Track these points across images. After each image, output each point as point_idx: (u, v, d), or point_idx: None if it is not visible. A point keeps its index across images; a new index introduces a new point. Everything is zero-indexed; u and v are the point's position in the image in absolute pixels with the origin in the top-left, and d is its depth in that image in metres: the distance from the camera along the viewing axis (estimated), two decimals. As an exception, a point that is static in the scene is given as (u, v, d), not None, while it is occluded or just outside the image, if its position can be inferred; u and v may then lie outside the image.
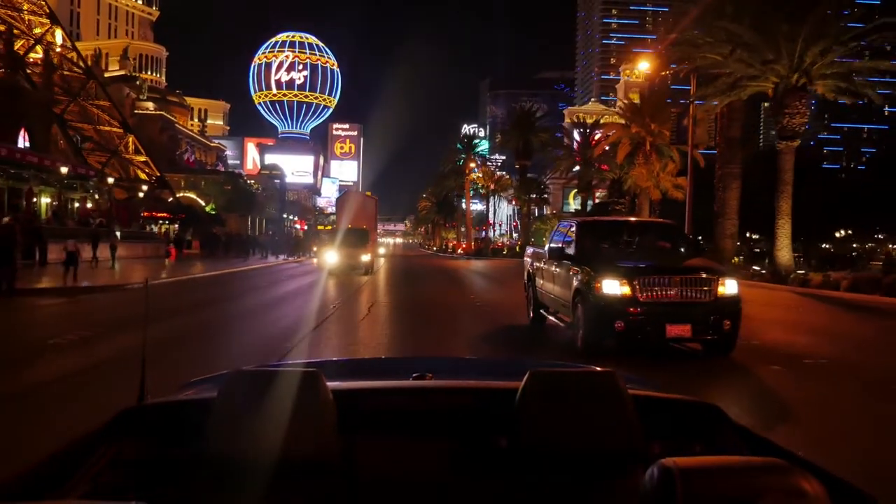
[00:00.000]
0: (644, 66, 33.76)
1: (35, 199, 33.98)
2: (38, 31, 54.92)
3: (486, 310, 14.46)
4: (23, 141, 39.60)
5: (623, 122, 34.37)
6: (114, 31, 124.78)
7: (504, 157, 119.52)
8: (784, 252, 21.63)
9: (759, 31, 20.68)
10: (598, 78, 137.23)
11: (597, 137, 35.92)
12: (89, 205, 38.90)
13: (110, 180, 40.71)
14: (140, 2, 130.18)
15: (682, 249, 10.03)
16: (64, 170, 30.68)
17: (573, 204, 56.11)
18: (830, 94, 20.78)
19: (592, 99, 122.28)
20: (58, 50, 55.65)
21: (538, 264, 11.37)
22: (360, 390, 1.81)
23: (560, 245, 10.13)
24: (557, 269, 10.05)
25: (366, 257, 26.00)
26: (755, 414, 5.77)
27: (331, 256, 26.21)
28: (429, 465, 1.59)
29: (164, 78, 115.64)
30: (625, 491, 1.41)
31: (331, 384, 1.52)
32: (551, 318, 10.60)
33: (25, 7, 54.64)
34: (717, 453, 1.57)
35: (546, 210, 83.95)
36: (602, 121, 49.64)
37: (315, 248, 38.61)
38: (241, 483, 1.39)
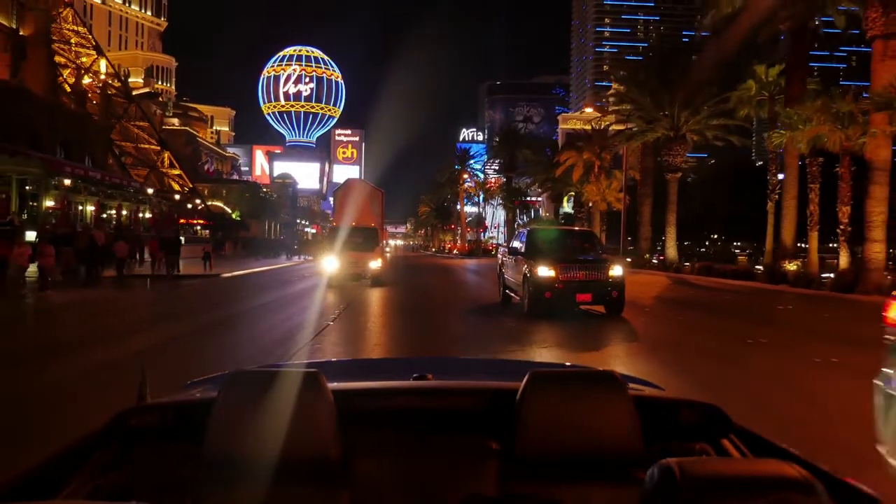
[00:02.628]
0: (589, 109, 44.55)
1: (111, 212, 44.65)
2: (83, 60, 65.62)
3: (469, 292, 22.37)
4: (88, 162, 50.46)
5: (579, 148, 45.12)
6: (124, 43, 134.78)
7: (501, 160, 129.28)
8: (671, 250, 32.32)
9: (652, 98, 31.38)
10: (591, 84, 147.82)
11: (562, 158, 46.54)
12: (148, 215, 49.53)
13: (177, 196, 51.37)
14: (149, 13, 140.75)
15: (597, 248, 15.51)
16: (150, 191, 41.43)
17: (566, 207, 66.26)
18: (697, 140, 31.51)
19: (586, 109, 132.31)
20: (102, 77, 66.49)
21: (505, 259, 16.64)
22: (360, 391, 1.87)
23: (517, 245, 15.52)
24: (514, 262, 14.86)
25: (375, 264, 21.99)
26: (629, 337, 11.01)
27: (330, 263, 22.02)
28: (429, 466, 1.62)
29: (174, 87, 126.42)
30: (625, 491, 1.44)
31: (331, 385, 1.58)
32: (513, 295, 15.14)
33: (74, 40, 65.33)
34: (717, 454, 1.65)
35: (542, 213, 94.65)
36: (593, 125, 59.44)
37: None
38: (241, 483, 1.45)
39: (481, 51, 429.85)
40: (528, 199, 75.45)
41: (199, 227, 65.18)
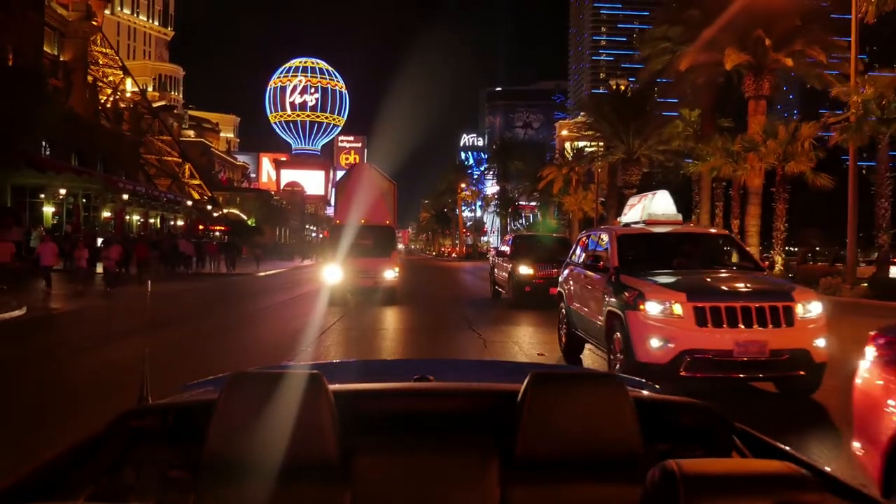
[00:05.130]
0: (564, 132, 52.60)
1: (152, 220, 52.79)
2: (111, 79, 73.40)
3: (464, 288, 28.41)
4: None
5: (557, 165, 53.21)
6: (133, 52, 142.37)
7: (496, 170, 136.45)
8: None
9: (611, 128, 39.30)
10: (588, 92, 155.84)
11: (544, 173, 54.56)
12: (181, 222, 57.55)
13: (209, 207, 59.40)
14: (157, 23, 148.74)
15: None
16: (189, 203, 49.40)
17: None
18: (647, 162, 39.45)
19: (581, 113, 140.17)
20: (129, 95, 74.46)
21: (495, 260, 20.45)
22: (361, 392, 1.92)
23: (505, 249, 19.51)
24: (502, 262, 18.70)
25: (390, 273, 18.65)
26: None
27: (332, 273, 18.63)
28: (430, 467, 1.66)
29: (181, 96, 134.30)
30: (626, 492, 1.48)
31: (332, 386, 1.63)
32: (501, 290, 18.83)
33: (102, 61, 73.21)
34: (717, 455, 1.70)
35: (539, 218, 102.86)
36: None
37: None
38: (242, 484, 1.50)
39: (483, 57, 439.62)
40: (522, 203, 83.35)
41: (218, 233, 73.11)
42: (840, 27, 25.16)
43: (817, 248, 50.81)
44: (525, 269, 16.55)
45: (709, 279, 7.49)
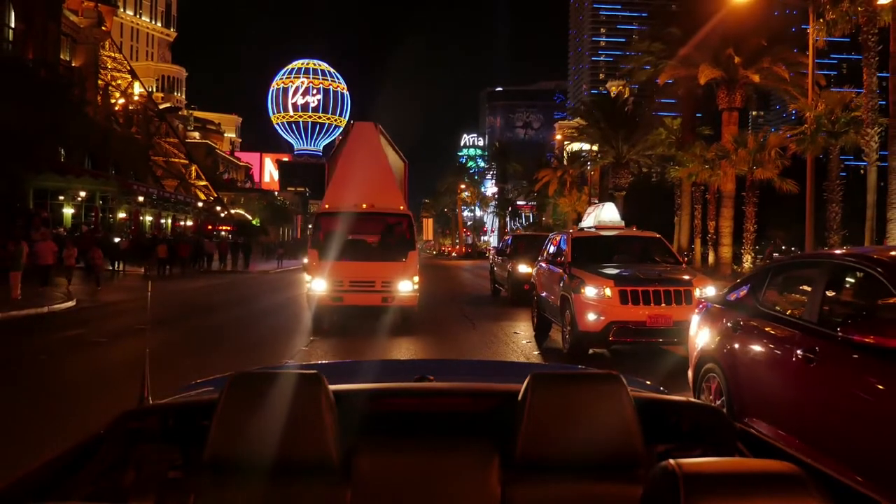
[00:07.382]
0: (558, 137, 55.31)
1: (164, 220, 55.54)
2: (119, 83, 75.88)
3: (465, 286, 29.43)
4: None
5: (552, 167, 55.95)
6: (136, 53, 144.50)
7: (495, 172, 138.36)
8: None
9: (601, 132, 41.95)
10: (588, 93, 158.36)
11: (540, 175, 57.23)
12: (189, 222, 60.29)
13: (218, 208, 62.10)
14: (160, 24, 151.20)
15: None
16: (200, 203, 52.04)
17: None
18: (637, 165, 42.10)
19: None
20: (136, 99, 77.02)
21: (495, 259, 22.39)
22: (361, 392, 1.94)
23: (503, 247, 21.74)
24: (501, 262, 20.25)
25: (406, 286, 12.60)
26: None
27: (315, 284, 12.46)
28: (430, 467, 1.68)
29: (184, 97, 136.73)
30: (626, 492, 1.50)
31: (332, 386, 1.65)
32: (501, 288, 20.20)
33: (110, 65, 75.72)
34: (717, 455, 1.71)
35: (544, 218, 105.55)
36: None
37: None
38: (242, 485, 1.52)
39: (483, 57, 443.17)
40: (521, 204, 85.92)
41: (224, 233, 75.68)
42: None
43: (783, 248, 53.57)
44: (523, 268, 17.50)
45: (634, 270, 10.13)
